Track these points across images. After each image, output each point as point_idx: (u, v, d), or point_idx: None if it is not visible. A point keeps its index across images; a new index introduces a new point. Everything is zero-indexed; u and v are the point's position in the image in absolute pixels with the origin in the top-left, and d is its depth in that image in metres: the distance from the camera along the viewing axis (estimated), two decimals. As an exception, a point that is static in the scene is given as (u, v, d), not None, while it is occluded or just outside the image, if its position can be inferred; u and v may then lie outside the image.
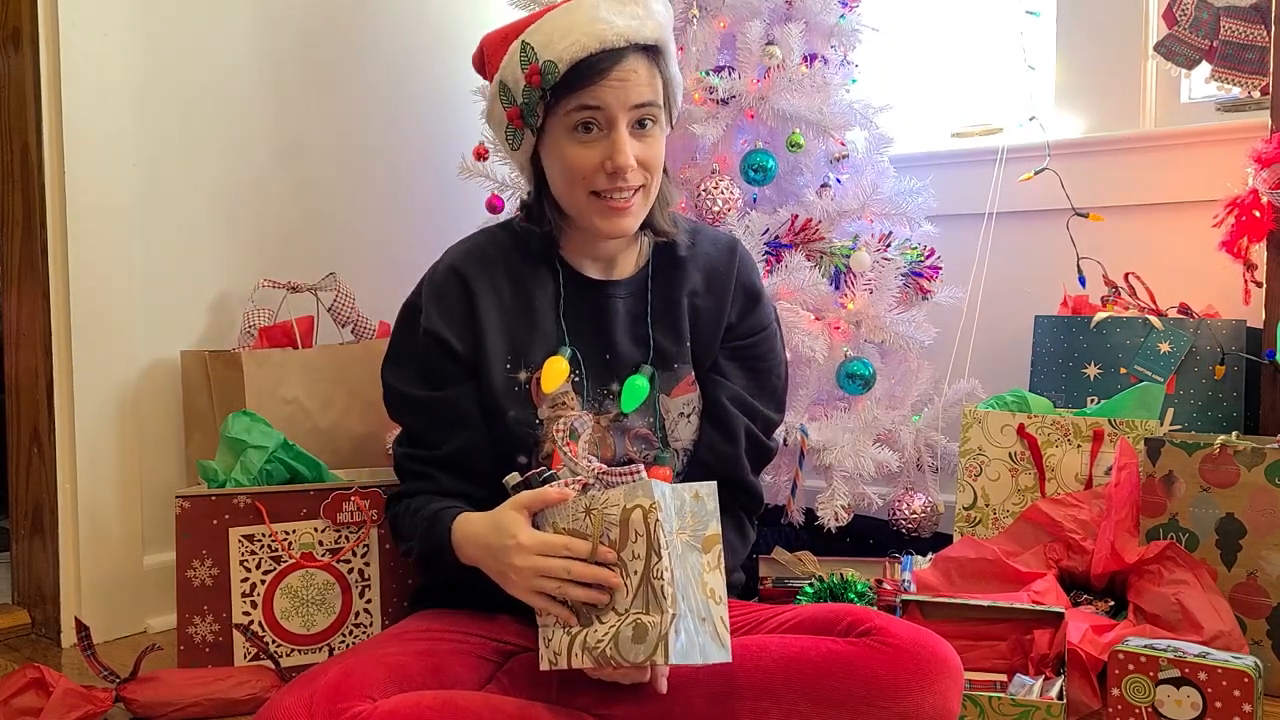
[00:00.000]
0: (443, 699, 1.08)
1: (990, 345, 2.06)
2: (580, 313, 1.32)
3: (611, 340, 1.32)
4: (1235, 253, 1.80)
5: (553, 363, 1.28)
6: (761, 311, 1.40)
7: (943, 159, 2.27)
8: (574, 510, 1.13)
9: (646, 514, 1.07)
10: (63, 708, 1.43)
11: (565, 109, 1.23)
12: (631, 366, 1.31)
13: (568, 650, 1.10)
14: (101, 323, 1.87)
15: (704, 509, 1.11)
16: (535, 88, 1.22)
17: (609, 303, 1.33)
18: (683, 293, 1.35)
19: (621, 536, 1.08)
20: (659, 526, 1.06)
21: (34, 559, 1.91)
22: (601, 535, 1.10)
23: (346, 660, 1.13)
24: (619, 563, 1.09)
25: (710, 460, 1.35)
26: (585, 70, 1.21)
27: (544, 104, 1.23)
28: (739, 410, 1.36)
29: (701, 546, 1.10)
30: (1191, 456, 1.56)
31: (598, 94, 1.21)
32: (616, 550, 1.09)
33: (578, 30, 1.21)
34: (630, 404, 1.29)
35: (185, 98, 2.00)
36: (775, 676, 1.13)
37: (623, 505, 1.09)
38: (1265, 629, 1.49)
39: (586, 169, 1.24)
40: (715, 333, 1.36)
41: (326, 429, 1.98)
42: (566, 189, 1.27)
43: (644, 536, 1.07)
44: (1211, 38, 1.93)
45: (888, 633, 1.14)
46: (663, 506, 1.07)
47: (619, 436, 1.31)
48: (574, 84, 1.21)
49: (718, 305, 1.36)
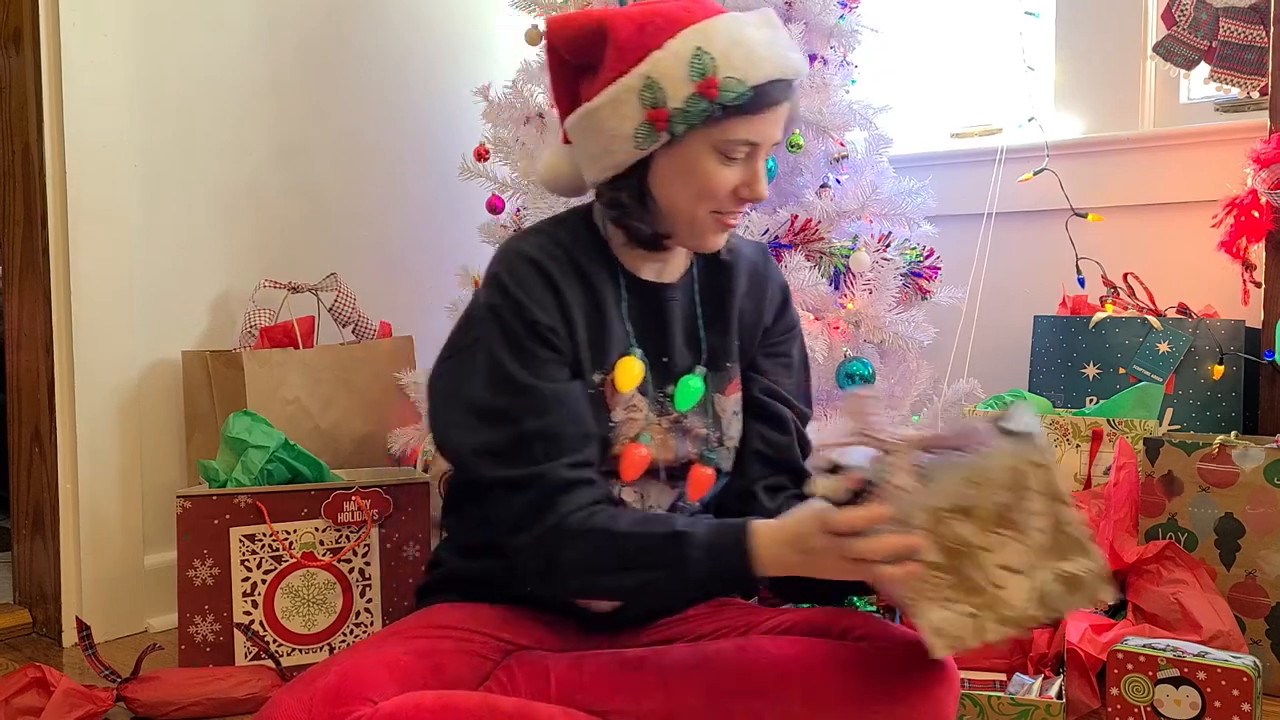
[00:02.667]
0: (442, 700, 1.08)
1: (989, 345, 2.06)
2: (642, 315, 1.29)
3: (670, 343, 1.31)
4: (1234, 253, 1.80)
5: (627, 363, 1.25)
6: (792, 311, 1.42)
7: (942, 159, 2.28)
8: (950, 484, 1.07)
9: (1039, 469, 1.06)
10: (64, 707, 1.43)
11: (726, 133, 1.18)
12: (685, 368, 1.31)
13: (973, 629, 1.05)
14: (102, 323, 1.88)
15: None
16: (707, 100, 1.16)
17: (667, 305, 1.31)
18: (732, 295, 1.35)
19: (1015, 497, 1.06)
20: (1054, 476, 1.06)
21: (35, 559, 1.92)
22: (989, 500, 1.06)
23: (347, 660, 1.12)
24: (1012, 524, 1.06)
25: (768, 453, 1.35)
26: (762, 98, 1.17)
27: (705, 117, 1.16)
28: (782, 403, 1.37)
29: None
30: (1190, 456, 1.57)
31: (763, 127, 1.19)
32: (1010, 511, 1.06)
33: (761, 52, 1.17)
34: (685, 403, 1.27)
35: (185, 98, 2.01)
36: (770, 679, 1.12)
37: (1010, 465, 1.07)
38: (1264, 629, 1.50)
39: (722, 190, 1.20)
40: (755, 334, 1.37)
41: (327, 429, 1.98)
42: (688, 202, 1.22)
43: (1040, 492, 1.06)
44: (1210, 38, 1.93)
45: (883, 638, 1.14)
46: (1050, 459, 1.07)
47: (680, 438, 1.29)
48: (748, 109, 1.16)
49: (757, 307, 1.37)
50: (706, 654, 1.18)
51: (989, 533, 1.06)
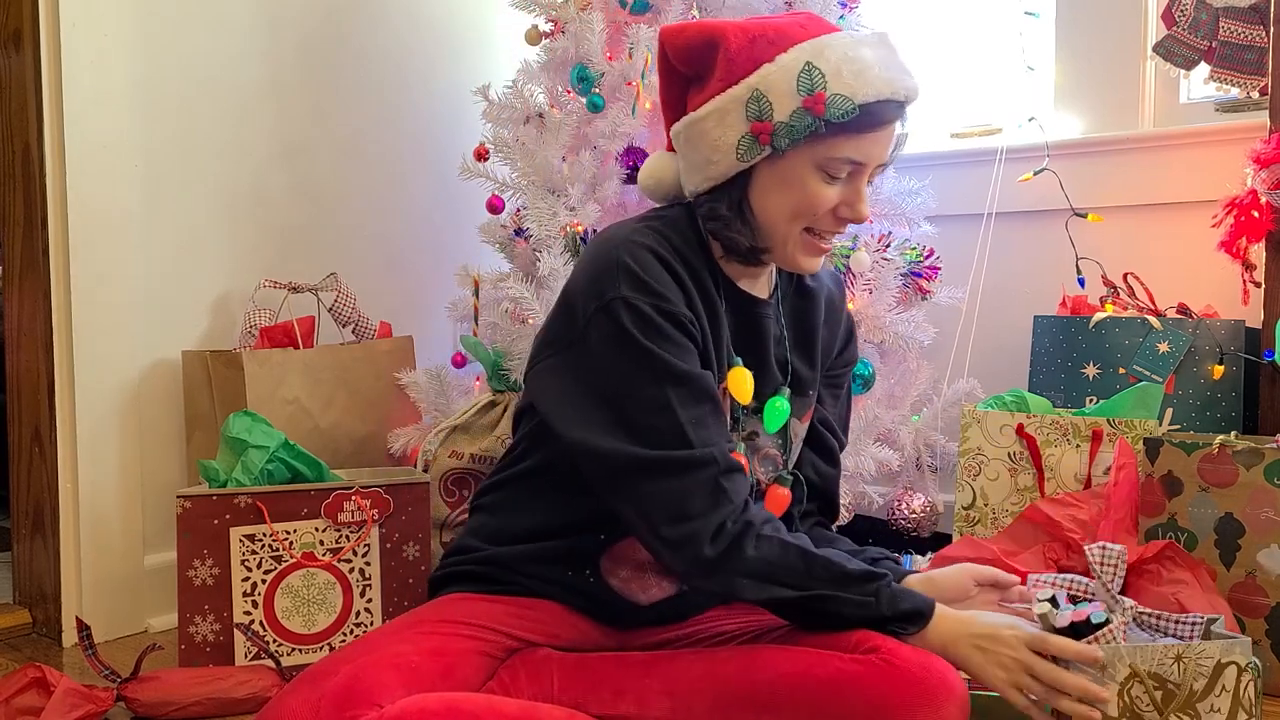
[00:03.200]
0: (446, 703, 1.08)
1: (989, 345, 2.06)
2: (740, 327, 1.28)
3: (763, 359, 1.30)
4: (1234, 253, 1.80)
5: (739, 373, 1.24)
6: (855, 344, 1.45)
7: (942, 159, 2.28)
8: (1162, 655, 1.13)
9: (1241, 672, 1.14)
10: (64, 707, 1.43)
11: (831, 150, 1.17)
12: (771, 388, 1.30)
13: None
14: (102, 322, 1.88)
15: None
16: (813, 115, 1.15)
17: (762, 321, 1.30)
18: (817, 321, 1.36)
19: (1207, 687, 1.13)
20: (1250, 687, 1.13)
21: (35, 558, 1.92)
22: (1188, 684, 1.13)
23: (355, 660, 1.12)
24: (1195, 713, 1.13)
25: (815, 480, 1.40)
26: (870, 118, 1.16)
27: (810, 132, 1.16)
28: (831, 433, 1.41)
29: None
30: (1190, 456, 1.57)
31: (869, 148, 1.18)
32: (1195, 699, 1.13)
33: (873, 71, 1.16)
34: (773, 425, 1.27)
35: (185, 98, 2.01)
36: (779, 691, 1.12)
37: (1217, 659, 1.13)
38: (1264, 629, 1.50)
39: (821, 208, 1.19)
40: (826, 363, 1.40)
41: (327, 429, 1.98)
42: (784, 219, 1.21)
43: (1230, 692, 1.13)
44: (1210, 38, 1.93)
45: (893, 653, 1.12)
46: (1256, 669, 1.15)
47: (751, 455, 1.30)
48: (854, 128, 1.16)
49: (831, 336, 1.39)
50: (714, 662, 1.17)
51: (1171, 713, 1.13)
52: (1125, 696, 1.12)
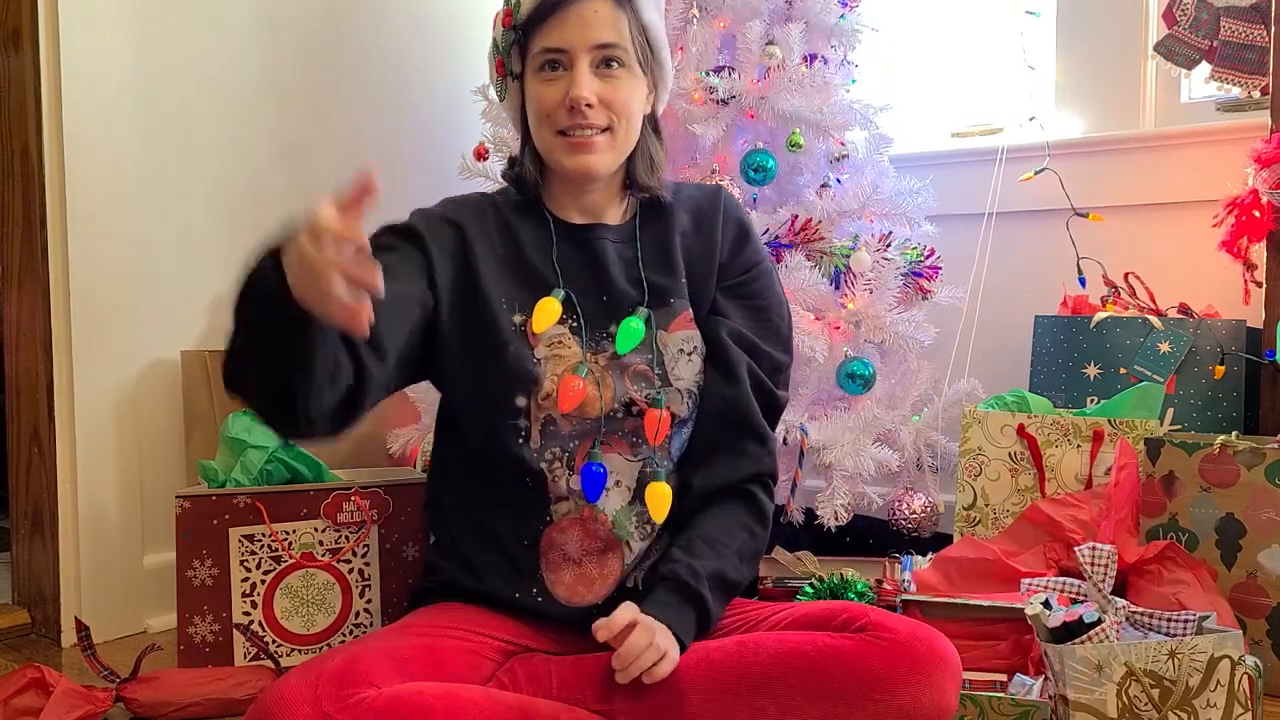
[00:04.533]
0: (446, 688, 1.09)
1: (990, 345, 2.06)
2: (572, 257, 1.34)
3: (607, 281, 1.33)
4: (1235, 253, 1.80)
5: (544, 304, 1.30)
6: (752, 247, 1.41)
7: (943, 159, 2.27)
8: (1155, 652, 1.15)
9: (1235, 666, 1.15)
10: (63, 707, 1.43)
11: (533, 51, 1.29)
12: (628, 308, 1.33)
13: None
14: (101, 323, 1.87)
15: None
16: (508, 29, 1.30)
17: (599, 244, 1.35)
18: (673, 234, 1.37)
19: (1203, 682, 1.14)
20: (1245, 680, 1.14)
21: (34, 559, 1.91)
22: (1183, 680, 1.15)
23: (351, 649, 1.13)
24: (1191, 710, 1.15)
25: (718, 407, 1.33)
26: (546, 8, 1.26)
27: (519, 48, 1.30)
28: (739, 346, 1.34)
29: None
30: (1191, 456, 1.56)
31: (559, 33, 1.27)
32: (1192, 695, 1.15)
33: None
34: (625, 345, 1.30)
35: (185, 98, 2.00)
36: (772, 672, 1.12)
37: (1211, 653, 1.15)
38: (1265, 629, 1.49)
39: (550, 105, 1.28)
40: (709, 272, 1.37)
41: (326, 429, 1.98)
42: (536, 129, 1.32)
43: (1225, 687, 1.14)
44: (1211, 38, 1.93)
45: (884, 627, 1.13)
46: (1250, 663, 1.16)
47: (618, 376, 1.30)
48: (538, 22, 1.27)
49: (707, 243, 1.38)
50: (707, 650, 1.17)
51: (1170, 710, 1.14)
52: (1124, 696, 1.12)
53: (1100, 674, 1.12)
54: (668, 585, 1.22)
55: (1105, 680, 1.12)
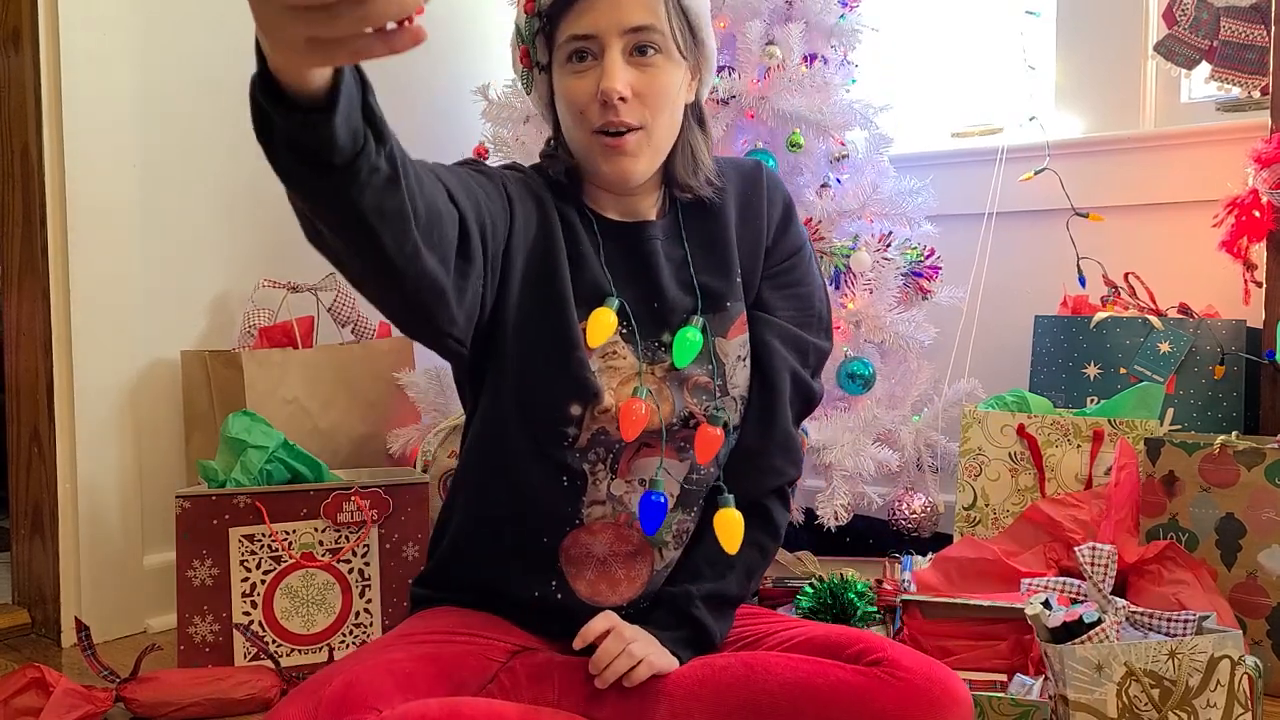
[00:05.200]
0: (448, 707, 1.06)
1: (990, 345, 2.06)
2: (620, 261, 1.23)
3: (658, 286, 1.23)
4: (1235, 253, 1.80)
5: (599, 314, 1.18)
6: (796, 229, 1.32)
7: (943, 159, 2.27)
8: (1155, 652, 1.15)
9: (1235, 666, 1.15)
10: (63, 707, 1.43)
11: (560, 40, 1.16)
12: (682, 315, 1.23)
13: None
14: (101, 323, 1.87)
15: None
16: (532, 16, 1.17)
17: (648, 244, 1.24)
18: (727, 230, 1.27)
19: (1202, 682, 1.15)
20: (1245, 680, 1.15)
21: (34, 559, 1.91)
22: (1183, 680, 1.15)
23: (351, 668, 1.10)
24: (1191, 710, 1.15)
25: (756, 415, 1.27)
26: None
27: (544, 37, 1.18)
28: (788, 348, 1.27)
29: None
30: (1191, 456, 1.56)
31: (588, 18, 1.14)
32: (1192, 695, 1.15)
33: None
34: (683, 359, 1.20)
35: (185, 97, 2.00)
36: (780, 701, 1.10)
37: (1210, 653, 1.15)
38: (1265, 629, 1.49)
39: (582, 100, 1.15)
40: (757, 262, 1.28)
41: (326, 429, 1.98)
42: (570, 127, 1.19)
43: (1225, 686, 1.14)
44: (1211, 38, 1.93)
45: (899, 665, 1.10)
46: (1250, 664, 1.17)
47: (676, 389, 1.22)
48: (564, 8, 1.15)
49: (755, 232, 1.28)
50: (714, 669, 1.15)
51: (1170, 710, 1.14)
52: (1124, 696, 1.12)
53: (1100, 674, 1.12)
54: (664, 608, 1.22)
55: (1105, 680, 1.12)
